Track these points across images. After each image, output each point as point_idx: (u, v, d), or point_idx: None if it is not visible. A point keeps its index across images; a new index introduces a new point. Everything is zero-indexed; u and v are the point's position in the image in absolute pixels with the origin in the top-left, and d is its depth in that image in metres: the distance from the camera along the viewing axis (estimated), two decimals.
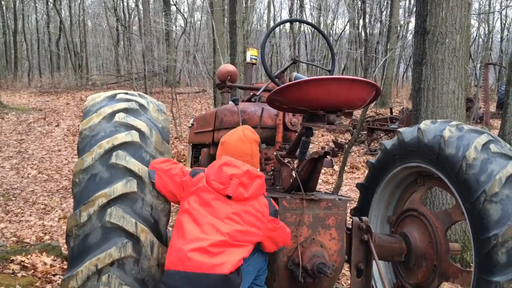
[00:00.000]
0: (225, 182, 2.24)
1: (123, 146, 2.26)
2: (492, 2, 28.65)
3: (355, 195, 7.74)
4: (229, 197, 2.22)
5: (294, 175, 3.07)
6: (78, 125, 14.73)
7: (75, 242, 2.10)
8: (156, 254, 2.15)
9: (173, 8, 25.22)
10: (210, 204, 2.20)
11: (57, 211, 7.29)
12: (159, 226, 2.23)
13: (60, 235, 6.07)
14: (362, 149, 13.35)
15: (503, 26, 32.01)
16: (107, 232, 2.08)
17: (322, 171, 9.65)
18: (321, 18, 29.80)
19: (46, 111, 17.59)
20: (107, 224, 2.08)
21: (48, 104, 19.11)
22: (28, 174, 9.88)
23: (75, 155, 11.36)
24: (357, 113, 12.87)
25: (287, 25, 27.52)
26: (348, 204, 2.99)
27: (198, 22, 29.78)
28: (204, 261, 2.04)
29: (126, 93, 2.64)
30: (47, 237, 6.02)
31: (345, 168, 9.43)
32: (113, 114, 2.40)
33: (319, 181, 9.48)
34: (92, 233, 2.08)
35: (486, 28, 28.29)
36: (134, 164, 2.23)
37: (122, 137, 2.28)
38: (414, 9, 5.49)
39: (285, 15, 36.44)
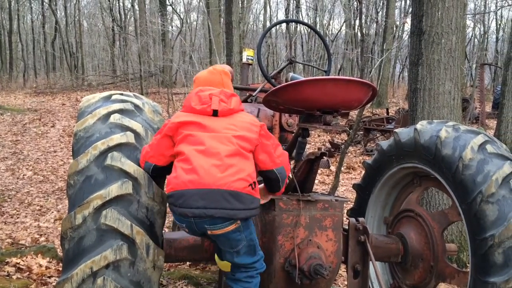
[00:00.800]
0: (206, 102, 2.31)
1: (118, 147, 2.25)
2: (487, 2, 28.75)
3: (352, 195, 7.73)
4: (215, 113, 2.30)
5: (290, 176, 3.06)
6: (74, 126, 14.68)
7: (70, 245, 2.08)
8: (152, 256, 2.14)
9: (169, 8, 25.21)
10: (202, 125, 2.27)
11: (52, 212, 7.25)
12: (154, 228, 2.22)
13: (55, 236, 6.03)
14: (359, 149, 13.36)
15: (498, 26, 32.14)
16: (102, 234, 2.06)
17: (319, 171, 9.67)
18: (317, 19, 29.81)
19: (42, 111, 17.51)
20: (102, 226, 2.06)
21: (43, 105, 19.02)
22: (23, 175, 9.83)
23: (71, 156, 11.30)
24: (354, 114, 12.87)
25: (283, 25, 27.56)
26: (344, 205, 2.98)
27: (194, 23, 29.74)
28: (218, 177, 2.12)
29: (122, 94, 2.63)
30: (42, 238, 5.98)
31: (342, 168, 9.44)
32: (108, 115, 2.39)
33: (316, 181, 9.47)
34: (87, 235, 2.06)
35: (482, 29, 28.41)
36: (129, 166, 2.21)
37: (117, 138, 2.27)
38: (410, 9, 5.49)
39: (281, 16, 36.46)
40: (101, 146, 2.22)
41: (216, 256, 2.72)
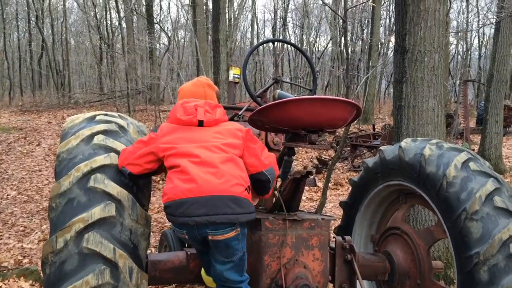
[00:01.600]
0: (192, 112, 2.37)
1: (101, 169, 2.22)
2: (469, 20, 29.42)
3: (340, 212, 7.73)
4: (201, 123, 2.35)
5: (276, 194, 3.05)
6: None
7: (51, 269, 2.04)
8: (135, 280, 2.10)
9: (156, 26, 25.29)
10: (190, 137, 2.31)
11: (36, 233, 7.12)
12: (138, 251, 2.18)
13: (39, 258, 5.91)
14: (346, 165, 13.41)
15: (480, 43, 32.84)
16: (84, 259, 2.01)
17: (306, 188, 9.67)
18: (304, 36, 30.19)
19: (27, 130, 17.33)
20: (84, 250, 2.02)
21: (29, 123, 18.83)
22: (7, 195, 9.67)
23: None
24: (341, 130, 12.98)
25: (270, 43, 27.81)
26: (332, 223, 2.98)
27: (182, 40, 29.90)
28: (215, 184, 2.15)
29: (106, 115, 2.61)
30: (26, 260, 5.86)
31: (329, 185, 9.45)
32: (92, 136, 2.37)
33: (304, 198, 9.46)
34: (69, 260, 2.02)
35: (465, 46, 28.98)
36: (113, 188, 2.18)
37: (101, 159, 2.24)
38: (394, 27, 5.58)
39: (268, 33, 36.84)
40: (84, 168, 2.19)
41: (202, 271, 2.69)
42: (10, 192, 9.91)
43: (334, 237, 3.14)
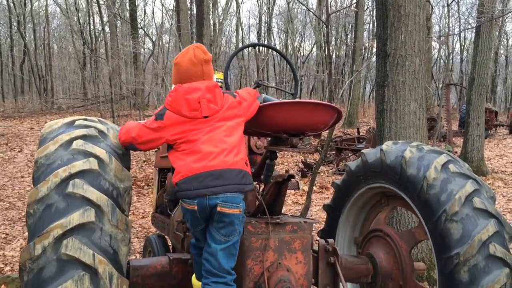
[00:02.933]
0: (197, 108, 2.46)
1: (80, 174, 2.19)
2: (451, 25, 29.90)
3: (325, 215, 7.76)
4: (206, 117, 2.48)
5: (259, 198, 3.05)
6: None
7: (29, 277, 2.00)
8: (115, 286, 2.06)
9: (140, 31, 25.21)
10: (197, 127, 2.46)
11: (18, 240, 7.01)
12: (118, 257, 2.16)
13: None
14: (331, 168, 13.49)
15: (462, 48, 33.40)
16: (62, 265, 1.98)
17: (292, 192, 9.67)
18: (289, 41, 30.35)
19: (9, 136, 17.06)
20: (63, 257, 1.99)
21: (11, 129, 18.54)
22: None
23: None
24: (326, 133, 13.05)
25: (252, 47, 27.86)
26: (316, 226, 2.99)
27: (167, 45, 29.80)
28: (225, 159, 2.39)
29: (86, 119, 2.58)
30: (7, 268, 5.76)
31: (315, 188, 9.48)
32: (70, 141, 2.33)
33: (289, 202, 9.47)
34: (47, 267, 1.98)
35: (447, 50, 29.43)
36: (92, 193, 2.15)
37: (80, 165, 2.21)
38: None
39: (253, 38, 36.95)
40: (62, 173, 2.16)
41: (193, 277, 2.71)
42: None
43: (317, 240, 3.15)
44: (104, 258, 2.05)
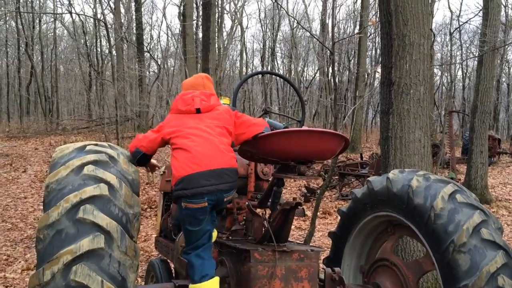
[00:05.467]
0: (190, 102, 2.79)
1: (91, 199, 2.21)
2: (453, 53, 30.21)
3: (328, 241, 7.69)
4: (198, 110, 2.76)
5: (266, 225, 3.05)
6: (47, 171, 14.32)
7: None
8: None
9: (146, 54, 25.52)
10: (191, 122, 2.71)
11: (20, 262, 6.96)
12: (126, 284, 2.15)
13: None
14: (334, 193, 13.43)
15: (464, 75, 33.63)
16: None
17: (294, 217, 9.61)
18: (292, 66, 30.65)
19: (13, 156, 17.11)
20: (72, 283, 1.99)
21: (15, 149, 18.61)
22: None
23: (42, 202, 10.96)
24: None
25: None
26: (320, 254, 2.98)
27: (172, 68, 30.13)
28: (216, 159, 2.59)
29: (96, 145, 2.61)
30: None
31: (318, 213, 9.42)
32: (81, 166, 2.36)
33: (292, 227, 9.41)
34: None
35: (449, 77, 29.65)
36: (102, 219, 2.17)
37: (91, 190, 2.23)
38: (380, 59, 5.73)
39: (257, 62, 37.35)
40: (73, 199, 2.18)
41: (191, 285, 2.68)
42: None
43: (323, 268, 3.13)
44: (112, 285, 2.05)
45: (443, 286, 2.62)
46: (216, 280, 2.63)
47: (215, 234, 2.95)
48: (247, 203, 3.22)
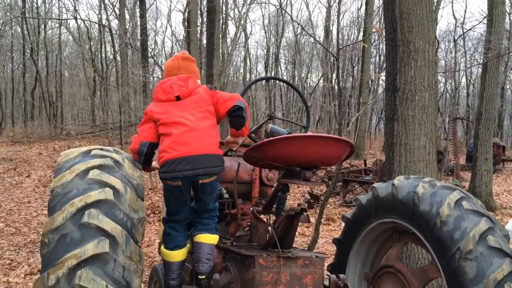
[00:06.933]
0: (169, 91, 2.88)
1: (96, 204, 2.20)
2: (457, 59, 30.18)
3: (332, 248, 7.65)
4: (178, 98, 2.86)
5: (270, 231, 3.04)
6: (50, 176, 14.35)
7: None
8: None
9: (150, 60, 25.62)
10: (173, 110, 2.82)
11: (23, 266, 6.95)
12: None
13: None
14: (338, 200, 13.39)
15: (468, 82, 33.56)
16: None
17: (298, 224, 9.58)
18: (296, 72, 30.70)
19: (17, 161, 17.16)
20: None
21: (19, 154, 18.68)
22: None
23: (45, 207, 10.99)
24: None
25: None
26: (325, 260, 2.96)
27: None
28: (197, 145, 2.71)
29: (101, 149, 2.61)
30: None
31: (321, 220, 9.39)
32: (87, 171, 2.35)
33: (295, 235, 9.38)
34: None
35: (453, 84, 29.61)
36: (107, 223, 2.16)
37: (96, 195, 2.23)
38: (384, 65, 5.73)
39: (261, 68, 37.42)
40: (78, 203, 2.18)
41: (162, 247, 2.98)
42: None
43: (328, 275, 3.11)
44: None
45: None
46: (185, 250, 2.94)
47: (215, 237, 2.95)
48: (251, 208, 3.21)
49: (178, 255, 2.90)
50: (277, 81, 27.30)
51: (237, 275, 2.85)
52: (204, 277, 2.79)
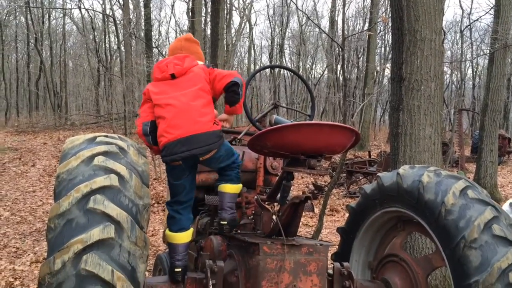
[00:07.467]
0: (164, 69, 2.92)
1: (101, 190, 2.21)
2: (464, 50, 29.95)
3: (335, 238, 7.68)
4: (173, 76, 2.89)
5: (275, 219, 3.04)
6: (55, 165, 14.42)
7: None
8: None
9: (155, 50, 25.58)
10: (168, 89, 2.86)
11: (29, 254, 7.02)
12: (136, 274, 2.15)
13: (31, 280, 5.81)
14: (342, 191, 13.40)
15: (474, 73, 33.35)
16: (81, 280, 1.98)
17: (303, 214, 9.60)
18: (300, 63, 30.58)
19: (22, 150, 17.26)
20: (82, 272, 1.99)
21: (24, 144, 18.77)
22: (0, 216, 9.56)
23: (50, 196, 11.07)
24: (337, 156, 13.00)
25: (268, 69, 28.15)
26: (329, 249, 2.96)
27: None
28: (190, 126, 2.74)
29: (106, 136, 2.61)
30: (17, 282, 5.77)
31: (325, 210, 9.40)
32: (92, 157, 2.36)
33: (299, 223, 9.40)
34: (66, 282, 1.98)
35: (459, 75, 29.42)
36: (112, 209, 2.17)
37: (101, 181, 2.23)
38: (390, 56, 5.69)
39: (265, 59, 37.29)
40: (84, 189, 2.18)
41: (167, 230, 3.00)
42: (3, 213, 9.80)
43: (332, 264, 3.12)
44: (122, 275, 2.05)
45: (454, 282, 2.60)
46: (189, 232, 2.98)
47: (236, 187, 3.06)
48: (255, 197, 3.21)
49: (183, 237, 2.94)
50: (282, 71, 27.23)
51: (241, 262, 2.86)
52: (226, 222, 2.94)
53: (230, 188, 3.01)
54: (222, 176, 3.05)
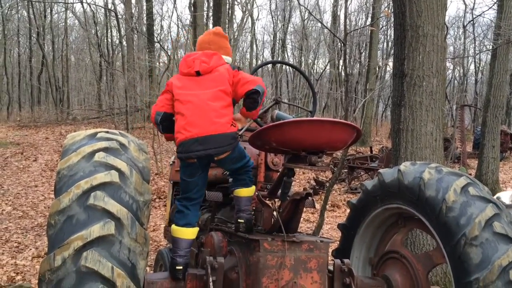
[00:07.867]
0: (191, 65, 2.93)
1: (102, 186, 2.21)
2: (466, 46, 29.83)
3: (336, 234, 7.68)
4: (198, 73, 2.90)
5: (275, 215, 3.04)
6: (57, 160, 14.44)
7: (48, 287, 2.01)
8: None
9: (156, 45, 25.52)
10: (191, 85, 2.88)
11: (30, 249, 7.04)
12: (136, 270, 2.16)
13: (32, 275, 5.83)
14: (343, 187, 13.39)
15: (477, 69, 33.22)
16: (82, 277, 1.99)
17: (304, 210, 9.61)
18: (303, 58, 30.50)
19: (24, 145, 17.27)
20: (82, 269, 2.00)
21: (26, 138, 18.78)
22: (2, 210, 9.58)
23: (52, 190, 11.09)
24: (338, 152, 12.99)
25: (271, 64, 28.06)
26: (330, 245, 2.96)
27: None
28: (208, 126, 2.77)
29: (107, 132, 2.61)
30: (19, 277, 5.78)
31: (326, 206, 9.41)
32: (92, 153, 2.36)
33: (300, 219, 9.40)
34: (66, 278, 1.99)
35: (461, 71, 29.32)
36: (112, 205, 2.17)
37: (101, 177, 2.24)
38: (392, 51, 5.67)
39: (267, 54, 37.20)
40: (84, 185, 2.18)
41: (173, 226, 3.00)
42: (5, 207, 9.82)
43: (332, 260, 3.12)
44: (122, 271, 2.06)
45: (454, 279, 2.60)
46: (195, 230, 2.99)
47: (250, 190, 3.09)
48: (256, 193, 3.21)
49: (188, 232, 2.96)
50: (283, 67, 27.17)
51: (242, 258, 2.86)
52: (243, 221, 2.99)
53: (246, 192, 3.07)
54: (237, 181, 3.10)
